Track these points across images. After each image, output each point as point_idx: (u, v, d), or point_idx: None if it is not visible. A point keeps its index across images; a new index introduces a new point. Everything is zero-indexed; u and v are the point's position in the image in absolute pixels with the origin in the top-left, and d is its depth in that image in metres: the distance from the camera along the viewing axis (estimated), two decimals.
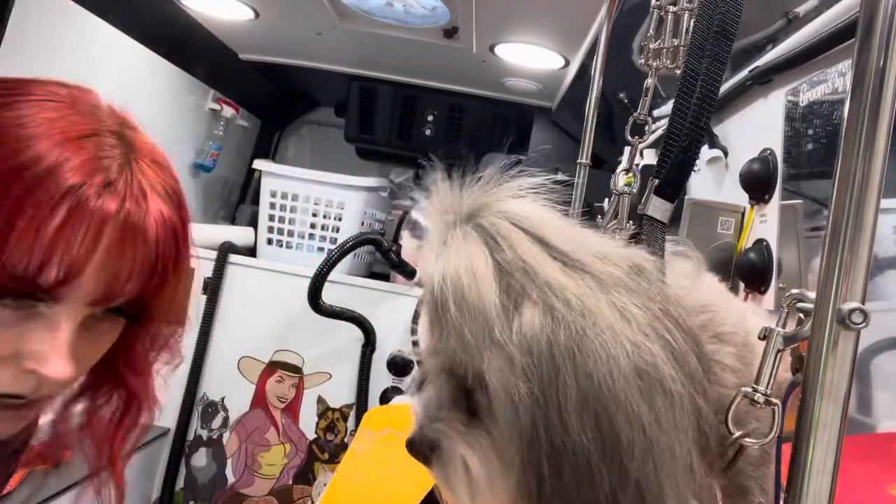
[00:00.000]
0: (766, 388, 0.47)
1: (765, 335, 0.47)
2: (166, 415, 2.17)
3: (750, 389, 0.47)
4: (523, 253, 0.47)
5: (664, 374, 0.44)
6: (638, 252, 0.52)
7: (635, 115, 0.79)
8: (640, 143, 0.81)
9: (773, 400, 0.47)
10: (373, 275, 2.45)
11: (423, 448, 0.52)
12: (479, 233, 0.48)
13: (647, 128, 0.80)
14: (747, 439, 0.48)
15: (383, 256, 2.16)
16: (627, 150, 0.85)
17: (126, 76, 1.86)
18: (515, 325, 0.45)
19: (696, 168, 1.14)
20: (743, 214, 1.19)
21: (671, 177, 0.62)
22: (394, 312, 2.17)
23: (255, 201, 2.57)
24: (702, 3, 0.64)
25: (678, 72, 0.79)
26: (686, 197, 1.38)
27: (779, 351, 0.46)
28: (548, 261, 0.47)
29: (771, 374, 0.46)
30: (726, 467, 0.50)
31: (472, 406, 0.49)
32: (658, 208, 0.61)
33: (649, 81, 0.79)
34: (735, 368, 0.52)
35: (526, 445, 0.44)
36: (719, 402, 0.49)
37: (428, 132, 2.50)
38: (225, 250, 2.20)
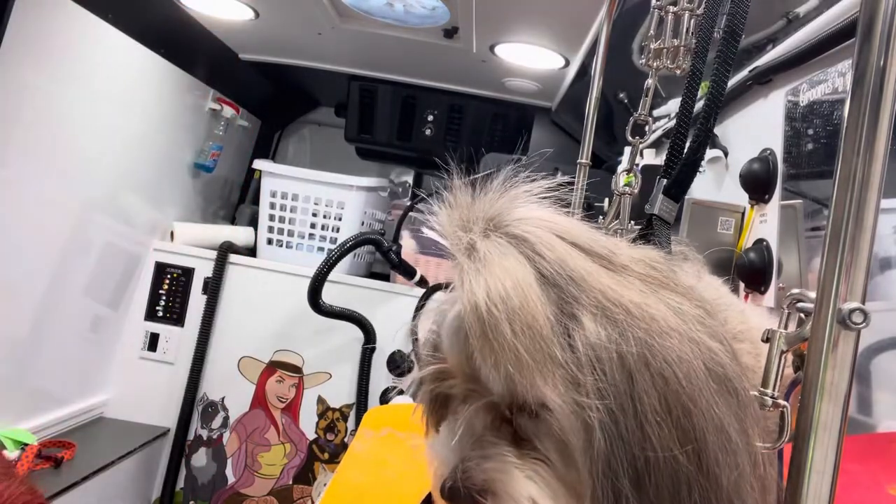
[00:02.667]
0: (774, 390, 0.46)
1: (767, 337, 0.47)
2: (166, 415, 2.18)
3: (757, 393, 0.47)
4: (567, 261, 0.43)
5: (731, 373, 0.42)
6: (655, 252, 0.49)
7: (635, 115, 0.79)
8: (640, 143, 0.81)
9: (782, 402, 0.46)
10: (373, 275, 2.45)
11: (471, 493, 0.44)
12: (513, 244, 0.43)
13: (647, 128, 0.80)
14: (759, 443, 0.47)
15: (383, 256, 2.16)
16: (628, 150, 0.85)
17: (126, 76, 1.86)
18: (577, 339, 0.41)
19: (701, 169, 1.14)
20: (743, 214, 1.19)
21: (679, 177, 0.62)
22: (394, 312, 2.17)
23: (255, 201, 2.57)
24: (708, 4, 0.64)
25: (678, 72, 0.79)
26: (686, 197, 1.38)
27: (782, 352, 0.46)
28: (593, 267, 0.43)
29: (776, 376, 0.46)
30: None
31: (518, 435, 0.45)
32: (665, 208, 0.61)
33: (649, 81, 0.79)
34: (753, 368, 0.50)
35: (602, 467, 0.40)
36: None
37: (428, 132, 2.50)
38: (225, 250, 2.21)
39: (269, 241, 2.35)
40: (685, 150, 0.61)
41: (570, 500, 0.42)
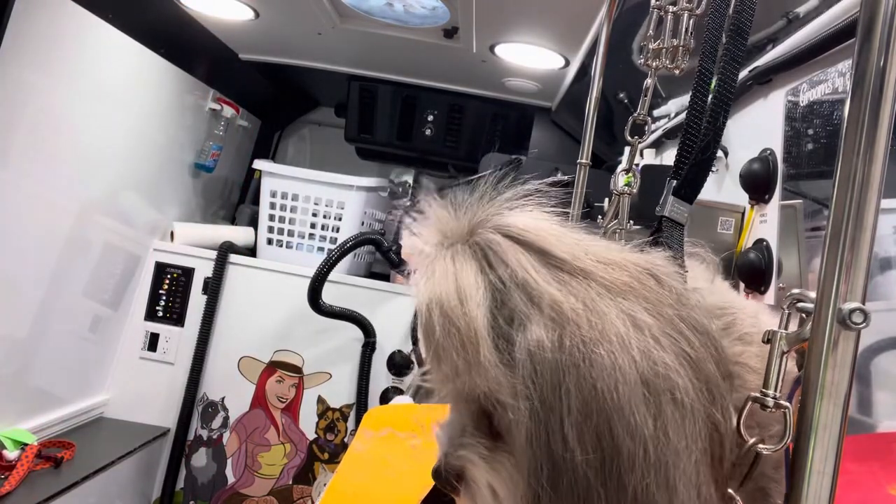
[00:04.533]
0: (775, 391, 0.46)
1: (768, 339, 0.47)
2: (166, 415, 2.18)
3: (759, 394, 0.46)
4: (519, 266, 0.45)
5: (674, 383, 0.42)
6: (651, 257, 0.49)
7: (635, 115, 0.79)
8: (639, 142, 0.81)
9: (784, 403, 0.46)
10: (373, 275, 2.45)
11: (449, 478, 0.50)
12: (472, 251, 0.46)
13: (646, 128, 0.80)
14: (761, 445, 0.47)
15: (383, 256, 2.16)
16: (628, 149, 0.85)
17: (126, 76, 1.86)
18: (517, 342, 0.43)
19: (713, 169, 1.13)
20: (743, 214, 1.19)
21: (689, 177, 0.61)
22: (394, 312, 2.17)
23: (255, 201, 2.57)
24: (714, 2, 0.63)
25: (677, 72, 0.79)
26: None
27: (783, 353, 0.46)
28: (547, 272, 0.45)
29: (778, 377, 0.46)
30: (747, 473, 0.48)
31: (495, 429, 0.48)
32: (676, 210, 0.60)
33: (649, 81, 0.79)
34: (759, 370, 0.49)
35: (530, 463, 0.43)
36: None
37: (428, 132, 2.50)
38: (225, 250, 2.21)
39: (269, 241, 2.35)
40: (695, 150, 0.60)
41: (527, 493, 0.44)
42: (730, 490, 0.47)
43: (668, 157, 1.71)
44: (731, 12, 0.61)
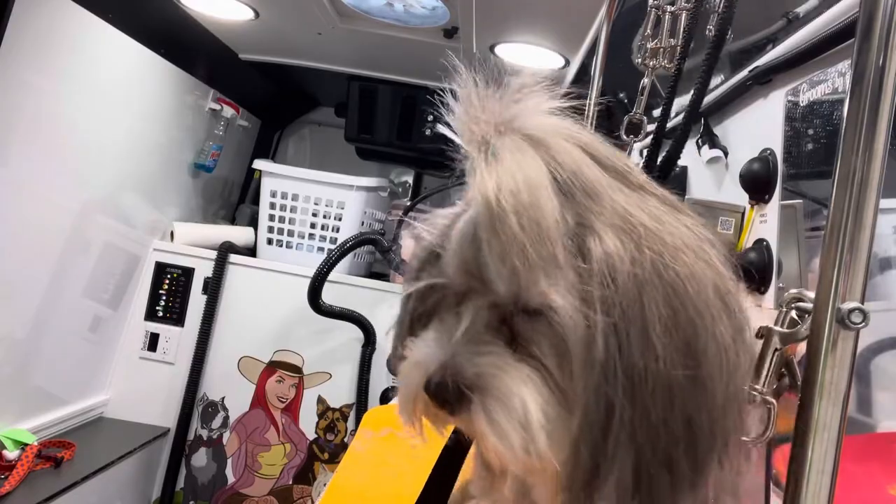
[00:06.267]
0: (763, 385, 0.47)
1: (762, 334, 0.47)
2: (166, 415, 2.18)
3: (748, 388, 0.47)
4: (584, 170, 0.42)
5: (734, 301, 0.42)
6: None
7: (630, 114, 0.79)
8: (635, 142, 0.81)
9: (770, 399, 0.46)
10: (373, 275, 2.45)
11: (454, 388, 0.42)
12: (530, 144, 0.43)
13: (642, 127, 0.80)
14: (743, 437, 0.48)
15: (383, 256, 2.16)
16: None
17: (126, 76, 1.86)
18: (590, 247, 0.40)
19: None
20: (743, 214, 1.19)
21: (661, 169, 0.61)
22: (394, 312, 2.17)
23: (255, 201, 2.57)
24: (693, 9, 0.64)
25: (675, 72, 0.79)
26: (686, 197, 1.38)
27: (776, 350, 0.46)
28: (610, 181, 0.43)
29: (768, 372, 0.46)
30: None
31: (515, 340, 0.43)
32: None
33: (645, 81, 0.79)
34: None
35: (599, 376, 0.39)
36: None
37: (428, 132, 2.50)
38: (225, 250, 2.21)
39: (269, 241, 2.35)
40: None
41: (561, 410, 0.41)
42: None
43: None
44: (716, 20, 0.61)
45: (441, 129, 0.46)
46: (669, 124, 1.69)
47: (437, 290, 0.48)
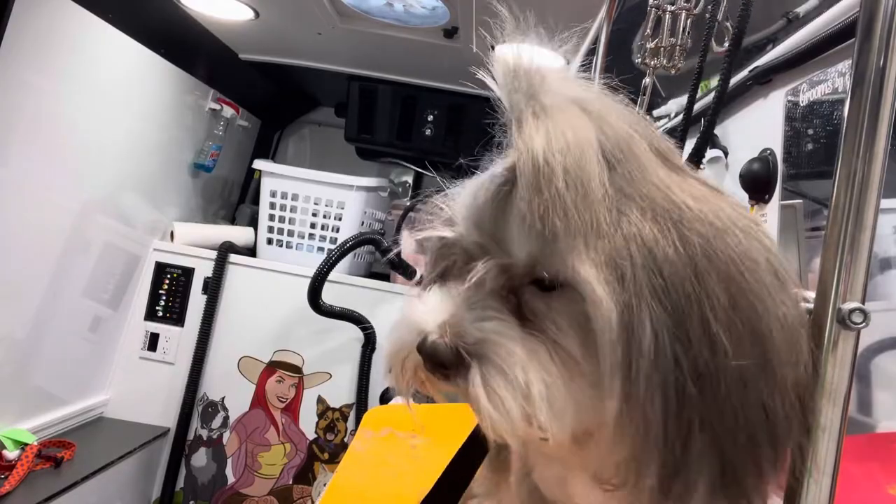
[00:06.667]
0: None
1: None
2: (166, 415, 2.18)
3: None
4: (631, 142, 0.40)
5: (788, 278, 0.40)
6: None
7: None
8: None
9: None
10: (373, 275, 2.45)
11: (453, 351, 0.39)
12: (579, 105, 0.41)
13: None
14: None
15: (383, 256, 2.16)
16: None
17: (126, 76, 1.86)
18: (631, 223, 0.38)
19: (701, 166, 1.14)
20: None
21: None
22: (394, 312, 2.17)
23: (255, 201, 2.57)
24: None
25: (673, 71, 0.79)
26: None
27: None
28: (654, 158, 0.41)
29: None
30: None
31: (524, 312, 0.40)
32: None
33: (647, 80, 0.79)
34: None
35: (650, 368, 0.36)
36: None
37: (428, 132, 2.50)
38: (225, 250, 2.21)
39: (269, 241, 2.35)
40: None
41: (579, 389, 0.39)
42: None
43: None
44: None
45: (484, 77, 0.45)
46: (668, 124, 1.68)
47: (448, 253, 0.45)
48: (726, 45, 0.76)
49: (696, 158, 0.60)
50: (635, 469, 0.38)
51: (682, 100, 1.61)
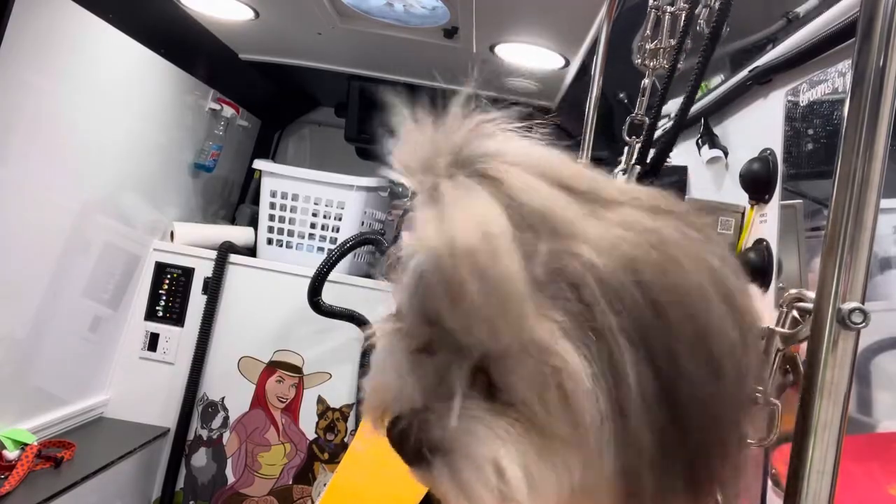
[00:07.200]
0: (767, 388, 0.46)
1: (764, 335, 0.47)
2: (166, 415, 2.18)
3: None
4: (552, 205, 0.37)
5: (740, 299, 0.40)
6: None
7: (632, 115, 0.79)
8: (637, 142, 0.81)
9: (774, 400, 0.46)
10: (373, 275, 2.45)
11: (420, 447, 0.39)
12: (482, 184, 0.37)
13: (644, 127, 0.80)
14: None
15: (383, 256, 2.15)
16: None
17: (126, 76, 1.86)
18: (570, 276, 0.36)
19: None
20: (743, 214, 1.19)
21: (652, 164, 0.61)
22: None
23: (255, 201, 2.57)
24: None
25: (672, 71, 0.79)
26: (686, 197, 1.38)
27: (778, 350, 0.46)
28: (578, 205, 0.38)
29: (772, 373, 0.46)
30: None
31: (493, 385, 0.39)
32: None
33: (646, 81, 0.79)
34: None
35: (637, 406, 0.36)
36: None
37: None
38: (225, 250, 2.21)
39: (269, 241, 2.35)
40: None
41: (555, 453, 0.38)
42: None
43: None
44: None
45: (385, 169, 0.42)
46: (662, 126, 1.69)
47: (418, 336, 0.42)
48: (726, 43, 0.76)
49: (656, 165, 0.60)
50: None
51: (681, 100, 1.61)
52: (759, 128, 1.19)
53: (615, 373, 0.36)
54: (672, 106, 1.67)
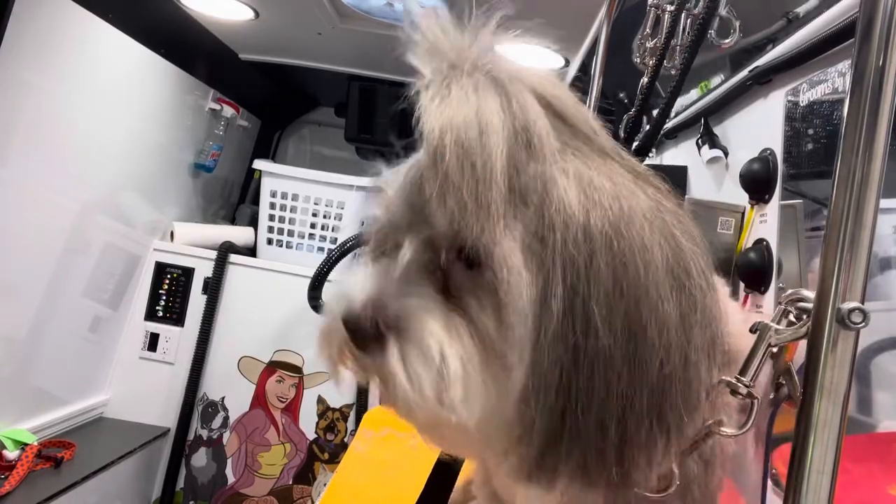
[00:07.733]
0: (750, 379, 0.46)
1: (756, 329, 0.47)
2: (166, 415, 2.18)
3: (734, 380, 0.47)
4: (540, 122, 0.40)
5: (694, 277, 0.40)
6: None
7: (629, 113, 0.79)
8: (636, 142, 0.81)
9: (755, 393, 0.46)
10: None
11: (372, 323, 0.40)
12: (491, 85, 0.40)
13: (642, 127, 0.80)
14: (724, 429, 0.47)
15: None
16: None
17: (126, 76, 1.86)
18: (539, 197, 0.38)
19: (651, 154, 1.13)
20: (743, 214, 1.19)
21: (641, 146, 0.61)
22: None
23: (255, 201, 2.57)
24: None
25: (674, 71, 0.79)
26: (686, 196, 1.38)
27: (769, 346, 0.46)
28: (570, 137, 0.41)
29: (758, 366, 0.46)
30: (692, 445, 0.47)
31: (450, 287, 0.41)
32: None
33: (645, 80, 0.79)
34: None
35: (548, 341, 0.37)
36: None
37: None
38: (225, 250, 2.21)
39: (269, 241, 2.35)
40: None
41: (490, 369, 0.39)
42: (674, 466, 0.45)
43: (668, 157, 1.71)
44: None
45: (408, 58, 0.44)
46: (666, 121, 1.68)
47: (384, 231, 0.46)
48: (727, 41, 0.76)
49: (643, 149, 0.61)
50: (519, 436, 0.39)
51: (682, 100, 1.61)
52: (759, 128, 1.19)
53: (545, 306, 0.37)
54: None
